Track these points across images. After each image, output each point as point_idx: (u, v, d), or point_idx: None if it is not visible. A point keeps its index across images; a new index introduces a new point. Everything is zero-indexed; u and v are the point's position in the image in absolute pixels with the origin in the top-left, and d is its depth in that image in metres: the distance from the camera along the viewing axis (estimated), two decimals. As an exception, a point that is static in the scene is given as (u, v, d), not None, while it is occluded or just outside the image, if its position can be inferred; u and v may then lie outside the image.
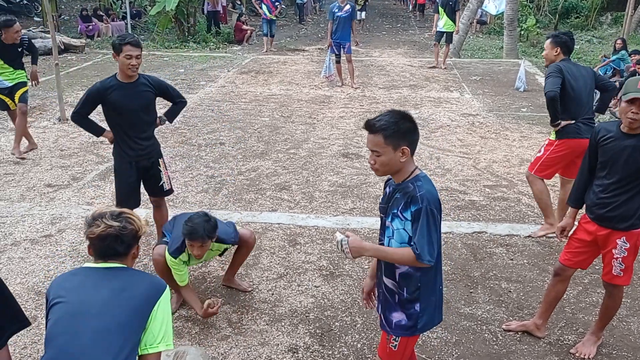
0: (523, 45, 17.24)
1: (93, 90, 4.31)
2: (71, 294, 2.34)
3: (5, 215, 5.56)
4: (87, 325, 2.24)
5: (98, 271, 2.42)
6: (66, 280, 2.43)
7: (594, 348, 3.69)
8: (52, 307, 2.32)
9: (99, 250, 2.43)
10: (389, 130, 2.49)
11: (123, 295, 2.34)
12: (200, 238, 3.64)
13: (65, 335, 2.23)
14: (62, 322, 2.26)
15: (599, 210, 3.43)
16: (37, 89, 9.93)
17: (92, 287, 2.36)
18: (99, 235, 2.39)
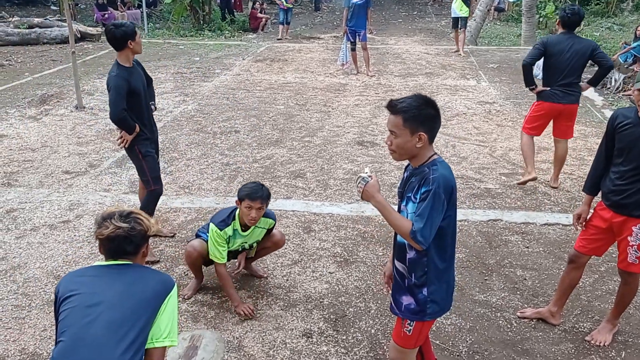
0: (542, 32, 16.99)
1: (121, 82, 4.35)
2: (83, 287, 2.38)
3: (24, 201, 5.64)
4: (100, 315, 2.27)
5: (109, 268, 2.46)
6: (76, 276, 2.48)
7: (609, 335, 3.66)
8: (63, 301, 2.36)
9: (108, 249, 2.47)
10: (409, 113, 2.48)
11: (134, 288, 2.37)
12: (259, 198, 3.81)
13: (79, 324, 2.27)
14: (76, 313, 2.29)
15: (614, 197, 3.40)
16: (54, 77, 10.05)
17: (104, 281, 2.41)
18: (108, 236, 2.43)
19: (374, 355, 3.56)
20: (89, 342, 2.23)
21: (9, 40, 14.11)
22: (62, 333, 2.28)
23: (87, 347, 2.22)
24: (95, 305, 2.30)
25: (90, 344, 2.22)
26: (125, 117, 4.42)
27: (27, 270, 4.46)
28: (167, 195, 5.82)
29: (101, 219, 2.48)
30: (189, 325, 3.83)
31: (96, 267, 2.51)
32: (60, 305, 2.37)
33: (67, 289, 2.39)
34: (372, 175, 2.61)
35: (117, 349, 2.21)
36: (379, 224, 5.24)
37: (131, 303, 2.33)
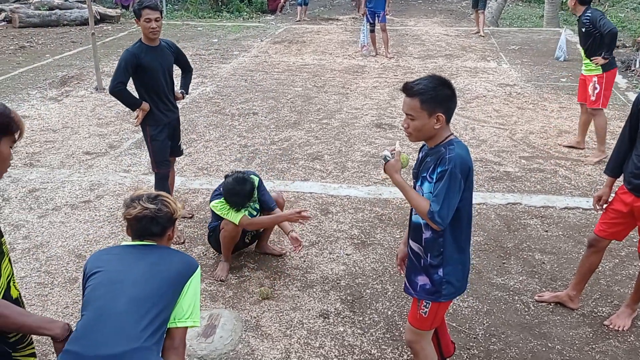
0: (565, 13, 16.67)
1: (128, 56, 4.37)
2: (109, 264, 2.42)
3: (46, 181, 5.73)
4: (123, 292, 2.30)
5: (135, 247, 2.51)
6: (104, 254, 2.53)
7: (628, 320, 3.64)
8: (89, 277, 2.41)
9: (135, 230, 2.51)
10: (426, 94, 2.45)
11: (158, 267, 2.40)
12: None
13: (102, 299, 2.30)
14: (100, 288, 2.33)
15: (636, 180, 3.35)
16: (74, 58, 10.12)
17: (129, 259, 2.45)
18: (135, 216, 2.47)
19: (390, 337, 3.58)
20: (111, 317, 2.26)
21: (29, 22, 14.22)
22: (86, 307, 2.33)
23: (109, 321, 2.25)
24: (120, 282, 2.34)
25: (112, 318, 2.26)
26: (121, 91, 4.42)
27: (50, 249, 4.55)
28: (186, 177, 5.87)
29: (129, 201, 2.53)
30: (208, 304, 3.88)
31: (122, 247, 2.56)
32: (86, 281, 2.42)
33: (94, 265, 2.43)
34: (396, 156, 2.60)
35: (138, 325, 2.24)
36: (396, 206, 5.24)
37: (154, 282, 2.36)
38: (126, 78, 4.41)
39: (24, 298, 3.89)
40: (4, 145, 1.95)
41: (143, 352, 2.21)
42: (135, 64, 4.36)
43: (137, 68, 4.39)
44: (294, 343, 3.52)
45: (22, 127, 2.03)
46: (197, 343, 3.46)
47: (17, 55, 11.41)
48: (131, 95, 4.51)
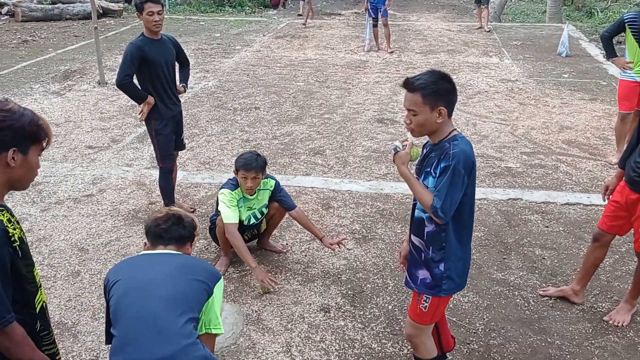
0: (567, 9, 16.65)
1: (132, 49, 4.38)
2: (132, 271, 2.41)
3: (49, 175, 5.75)
4: (154, 294, 2.29)
5: (158, 254, 2.49)
6: (123, 264, 2.52)
7: (628, 316, 3.65)
8: (112, 287, 2.37)
9: (160, 232, 2.49)
10: (427, 89, 2.47)
11: (185, 270, 2.40)
12: (254, 169, 3.91)
13: (135, 305, 2.29)
14: (129, 295, 2.31)
15: (631, 172, 3.41)
16: (77, 52, 10.13)
17: (153, 263, 2.44)
18: (164, 215, 2.50)
19: (390, 331, 3.60)
20: (149, 320, 2.25)
21: (32, 16, 14.22)
22: (118, 316, 2.30)
23: (148, 324, 2.24)
24: (148, 285, 2.33)
25: (150, 321, 2.24)
26: (128, 84, 4.43)
27: (52, 242, 4.57)
28: (188, 171, 5.89)
29: (152, 215, 2.65)
30: (209, 298, 3.90)
31: (144, 255, 2.54)
32: (109, 292, 2.39)
33: (115, 277, 2.41)
34: (407, 147, 2.62)
35: (177, 323, 2.24)
36: (397, 201, 5.25)
37: (183, 282, 2.35)
38: (132, 71, 4.42)
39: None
40: (33, 154, 1.91)
41: (192, 348, 2.22)
42: (140, 57, 4.38)
43: (142, 61, 4.40)
44: (295, 337, 3.55)
45: (50, 134, 1.99)
46: (198, 336, 3.49)
47: (19, 49, 11.42)
48: (138, 89, 4.52)
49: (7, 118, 1.82)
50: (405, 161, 2.60)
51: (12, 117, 1.84)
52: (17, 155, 1.85)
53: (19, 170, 1.88)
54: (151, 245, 2.54)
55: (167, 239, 2.50)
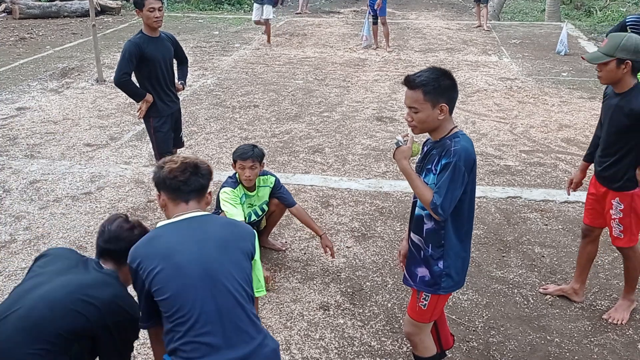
0: (566, 7, 16.65)
1: (131, 46, 4.36)
2: (179, 256, 2.13)
3: (47, 173, 5.74)
4: (220, 286, 2.11)
5: (191, 224, 2.22)
6: (158, 243, 2.19)
7: (627, 313, 3.65)
8: (154, 276, 2.11)
9: (179, 185, 2.23)
10: (428, 86, 2.46)
11: (228, 241, 2.22)
12: (250, 157, 3.91)
13: (207, 305, 2.08)
14: (192, 292, 2.09)
15: (597, 167, 3.49)
16: (74, 50, 10.09)
17: (196, 242, 2.18)
18: (180, 165, 2.24)
19: (390, 329, 3.60)
20: (223, 319, 2.09)
21: (30, 13, 14.18)
22: (186, 322, 2.07)
23: (227, 324, 2.09)
24: (206, 273, 2.11)
25: (225, 320, 2.09)
26: (127, 82, 4.41)
27: (51, 240, 4.56)
28: (187, 169, 5.87)
29: (161, 164, 2.32)
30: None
31: (170, 227, 2.23)
32: (149, 280, 2.11)
33: (153, 261, 2.12)
34: (408, 142, 2.60)
35: (249, 313, 2.14)
36: (397, 199, 5.25)
37: (234, 262, 2.18)
38: (131, 69, 4.41)
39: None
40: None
41: (265, 340, 2.17)
42: (138, 55, 4.36)
43: (140, 59, 4.38)
44: (294, 335, 3.54)
45: None
46: (197, 334, 3.47)
47: (17, 47, 11.39)
48: (136, 86, 4.51)
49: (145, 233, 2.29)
50: (406, 156, 2.59)
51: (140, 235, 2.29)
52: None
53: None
54: (169, 200, 2.25)
55: (187, 192, 2.24)
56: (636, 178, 3.33)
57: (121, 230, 2.38)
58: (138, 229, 2.39)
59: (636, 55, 3.11)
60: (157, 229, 2.26)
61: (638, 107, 3.13)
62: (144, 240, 2.21)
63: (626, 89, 3.20)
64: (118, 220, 2.44)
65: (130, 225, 2.41)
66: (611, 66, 3.14)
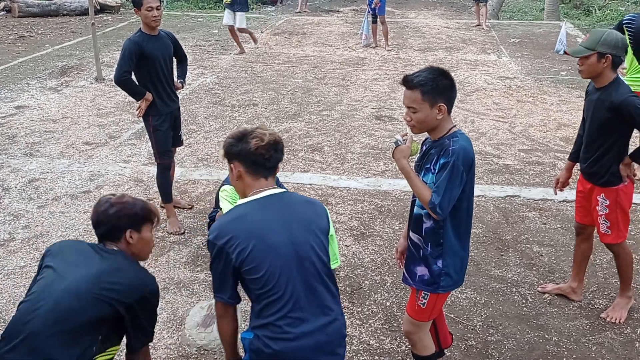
0: (565, 7, 16.65)
1: (130, 45, 4.36)
2: (270, 235, 2.17)
3: (46, 171, 5.74)
4: (307, 269, 2.20)
5: (273, 202, 2.24)
6: (246, 222, 2.19)
7: (624, 311, 3.66)
8: (248, 255, 2.13)
9: (264, 162, 2.23)
10: (426, 86, 2.46)
11: (311, 218, 2.28)
12: None
13: (297, 287, 2.17)
14: (286, 273, 2.16)
15: (582, 164, 3.52)
16: (74, 48, 10.07)
17: (282, 220, 2.22)
18: (266, 144, 2.22)
19: (388, 327, 3.60)
20: (312, 299, 2.20)
21: (29, 11, 14.17)
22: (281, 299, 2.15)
23: (315, 305, 2.21)
24: (297, 257, 2.18)
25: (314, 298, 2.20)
26: (127, 81, 4.42)
27: (50, 239, 4.56)
28: (186, 167, 5.88)
29: (240, 135, 2.27)
30: (207, 295, 3.90)
31: (254, 205, 2.23)
32: (242, 259, 2.13)
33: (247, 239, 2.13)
34: (407, 142, 2.60)
35: (332, 290, 2.28)
36: (395, 198, 5.25)
37: (314, 222, 2.27)
38: (131, 67, 4.41)
39: (23, 288, 3.92)
40: (145, 231, 2.42)
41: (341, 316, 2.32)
42: (138, 53, 4.36)
43: (140, 57, 4.38)
44: (293, 333, 3.54)
45: (159, 214, 2.52)
46: (196, 333, 3.48)
47: (16, 45, 11.38)
48: (136, 85, 4.51)
49: (123, 208, 2.36)
50: (405, 155, 2.60)
51: (127, 207, 2.38)
52: (133, 234, 2.37)
53: (137, 245, 2.40)
54: (248, 173, 2.24)
55: (268, 169, 2.25)
56: (620, 173, 3.36)
57: (107, 208, 2.40)
58: (122, 204, 2.39)
59: (616, 50, 3.19)
60: (241, 207, 2.26)
61: (618, 100, 3.19)
62: (230, 218, 2.24)
63: (606, 82, 3.26)
64: (104, 200, 2.46)
65: (115, 200, 2.42)
66: (592, 60, 3.20)
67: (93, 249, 2.40)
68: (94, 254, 2.36)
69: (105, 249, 2.40)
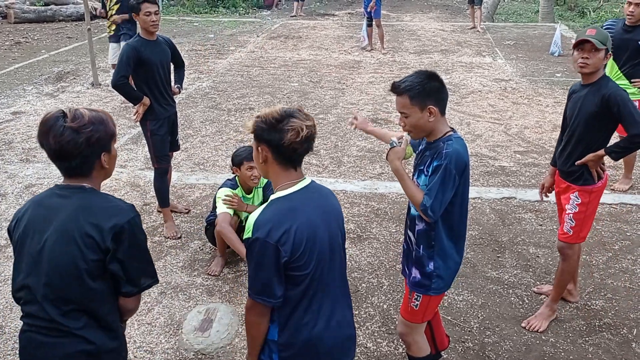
0: (560, 9, 16.72)
1: (129, 50, 4.38)
2: (318, 231, 2.09)
3: (42, 177, 5.74)
4: (336, 264, 2.20)
5: (312, 194, 2.15)
6: (297, 217, 2.05)
7: (546, 322, 3.61)
8: (302, 250, 2.02)
9: (298, 157, 2.10)
10: (413, 90, 2.48)
11: (338, 216, 2.25)
12: None
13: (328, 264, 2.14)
14: (322, 266, 2.11)
15: (559, 160, 3.54)
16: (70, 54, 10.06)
17: (322, 216, 2.14)
18: (303, 138, 2.06)
19: (386, 330, 3.61)
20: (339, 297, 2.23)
21: (25, 17, 14.17)
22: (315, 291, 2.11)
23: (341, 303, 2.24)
24: (332, 249, 2.16)
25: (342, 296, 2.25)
26: (124, 85, 4.43)
27: (47, 244, 4.55)
28: (182, 172, 5.88)
29: (274, 121, 2.07)
30: (204, 299, 3.90)
31: (302, 196, 2.11)
32: (297, 255, 2.02)
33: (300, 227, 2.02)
34: (403, 145, 2.62)
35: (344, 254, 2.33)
36: (392, 201, 5.27)
37: (341, 215, 2.30)
38: (128, 72, 4.43)
39: (21, 293, 3.92)
40: (113, 147, 2.12)
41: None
42: (136, 58, 4.38)
43: (138, 62, 4.40)
44: (290, 336, 3.55)
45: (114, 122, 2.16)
46: (193, 337, 3.49)
47: (12, 51, 11.38)
48: (133, 89, 4.53)
49: (93, 131, 1.99)
50: (399, 157, 2.61)
51: (98, 129, 2.01)
52: (106, 156, 2.07)
53: (110, 167, 2.12)
54: (277, 162, 2.09)
55: (298, 159, 2.12)
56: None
57: (69, 145, 1.96)
58: (82, 134, 1.96)
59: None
60: (284, 200, 2.08)
61: (608, 91, 3.22)
62: (279, 212, 2.04)
63: (596, 78, 3.31)
64: (57, 131, 1.97)
65: (70, 135, 1.95)
66: (601, 54, 3.22)
67: (59, 196, 2.04)
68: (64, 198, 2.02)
69: (71, 188, 2.04)
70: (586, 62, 3.23)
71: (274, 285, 2.02)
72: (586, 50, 3.21)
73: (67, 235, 1.98)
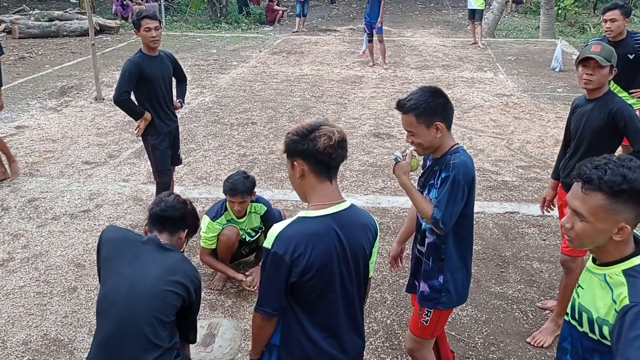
0: (560, 24, 16.81)
1: (130, 66, 4.40)
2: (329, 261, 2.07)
3: (45, 191, 5.74)
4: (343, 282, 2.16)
5: (339, 221, 2.09)
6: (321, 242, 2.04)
7: (550, 338, 3.58)
8: (312, 276, 2.04)
9: (331, 162, 2.07)
10: (419, 108, 2.48)
11: (356, 248, 2.18)
12: (240, 194, 3.92)
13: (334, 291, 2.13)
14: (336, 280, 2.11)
15: (563, 173, 3.55)
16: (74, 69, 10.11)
17: (343, 248, 2.11)
18: (336, 143, 2.05)
19: (389, 345, 3.59)
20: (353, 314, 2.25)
21: (29, 33, 14.27)
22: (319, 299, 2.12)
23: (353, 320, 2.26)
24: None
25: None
26: (126, 101, 4.45)
27: (49, 258, 4.55)
28: (185, 186, 5.89)
29: (305, 132, 2.07)
30: (207, 314, 3.88)
31: (321, 222, 2.06)
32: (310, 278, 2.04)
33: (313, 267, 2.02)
34: (407, 159, 2.62)
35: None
36: (395, 215, 5.26)
37: (365, 252, 2.25)
38: (130, 87, 4.45)
39: (22, 308, 3.90)
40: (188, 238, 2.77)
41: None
42: (138, 73, 4.40)
43: (140, 77, 4.42)
44: (294, 352, 3.52)
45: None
46: (196, 352, 3.46)
47: (16, 66, 11.45)
48: (135, 105, 4.55)
49: (192, 209, 2.70)
50: (405, 171, 2.61)
51: (193, 210, 2.70)
52: (184, 236, 2.63)
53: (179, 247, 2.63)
54: (314, 174, 2.07)
55: (333, 168, 2.09)
56: None
57: (177, 202, 2.62)
58: (190, 205, 2.67)
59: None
60: (317, 220, 2.06)
61: (615, 107, 3.24)
62: (302, 233, 2.03)
63: (602, 93, 3.31)
64: (172, 195, 2.71)
65: (184, 200, 2.68)
66: (606, 71, 3.23)
67: (151, 245, 2.50)
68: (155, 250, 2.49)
69: (160, 243, 2.51)
70: (590, 79, 3.24)
71: (277, 297, 2.08)
72: (590, 67, 3.21)
73: None
